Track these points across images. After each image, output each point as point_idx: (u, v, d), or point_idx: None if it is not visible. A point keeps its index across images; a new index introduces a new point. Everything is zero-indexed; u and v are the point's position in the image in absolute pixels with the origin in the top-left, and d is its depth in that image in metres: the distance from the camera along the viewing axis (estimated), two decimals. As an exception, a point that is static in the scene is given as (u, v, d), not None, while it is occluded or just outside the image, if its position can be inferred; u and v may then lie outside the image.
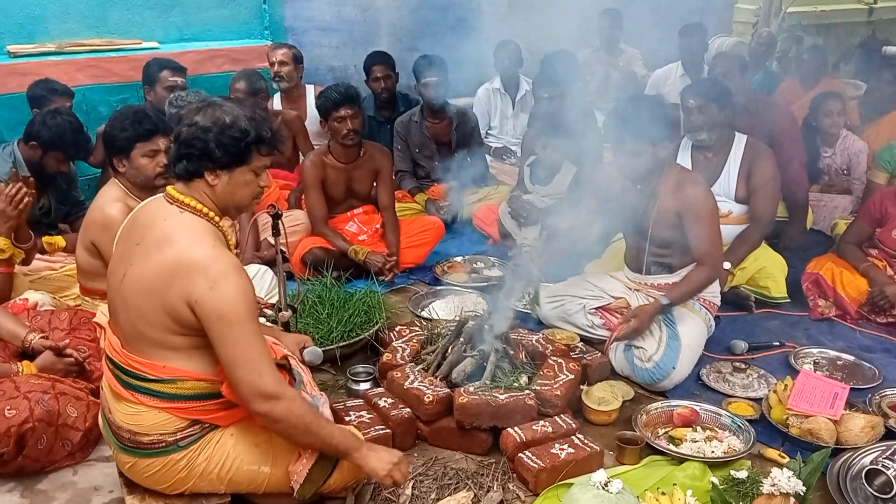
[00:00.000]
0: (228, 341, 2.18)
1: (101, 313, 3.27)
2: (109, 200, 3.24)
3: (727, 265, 4.02)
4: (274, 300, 3.52)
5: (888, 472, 2.55)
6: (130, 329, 2.29)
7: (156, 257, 2.22)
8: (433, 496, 2.70)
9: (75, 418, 2.81)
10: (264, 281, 3.92)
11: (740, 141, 4.17)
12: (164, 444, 2.32)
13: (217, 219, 2.32)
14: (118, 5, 5.43)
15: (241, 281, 2.21)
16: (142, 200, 3.28)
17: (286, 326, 3.22)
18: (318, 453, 2.39)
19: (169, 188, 2.34)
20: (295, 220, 4.51)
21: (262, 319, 3.16)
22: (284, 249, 3.32)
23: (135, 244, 2.30)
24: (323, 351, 3.42)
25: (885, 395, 3.32)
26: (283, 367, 2.57)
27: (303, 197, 4.73)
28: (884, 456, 2.66)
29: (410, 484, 2.70)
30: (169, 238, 2.23)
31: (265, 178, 2.41)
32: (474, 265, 4.71)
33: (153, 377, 2.28)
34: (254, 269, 3.96)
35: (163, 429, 2.31)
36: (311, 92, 5.53)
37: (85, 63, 5.06)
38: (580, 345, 3.54)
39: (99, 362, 3.14)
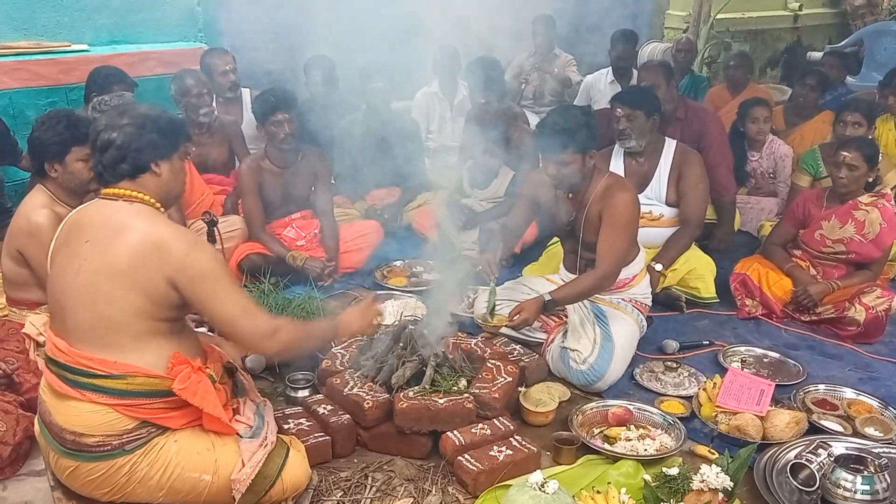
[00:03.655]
0: (220, 296, 2.30)
1: (30, 324, 3.19)
2: (35, 207, 3.17)
3: (658, 267, 4.14)
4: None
5: (811, 466, 2.65)
6: (94, 320, 2.29)
7: (118, 243, 2.28)
8: (374, 503, 2.72)
9: (4, 432, 2.74)
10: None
11: (670, 146, 4.30)
12: (109, 448, 2.29)
13: (161, 209, 2.42)
14: (46, 7, 5.28)
15: (208, 245, 2.37)
16: (70, 206, 3.25)
17: (223, 334, 3.19)
18: (262, 464, 2.40)
19: (107, 190, 2.39)
20: (231, 225, 4.45)
21: (204, 329, 3.14)
22: (221, 255, 3.29)
23: (84, 242, 2.33)
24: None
25: (809, 392, 3.45)
26: (229, 371, 2.55)
27: (240, 202, 4.68)
28: (807, 450, 2.75)
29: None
30: (126, 225, 2.31)
31: (186, 164, 2.57)
32: (413, 269, 4.72)
33: (103, 373, 2.27)
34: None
35: (109, 429, 2.28)
36: (246, 96, 5.45)
37: (12, 66, 4.90)
38: (518, 347, 3.59)
39: (28, 374, 3.07)
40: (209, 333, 3.04)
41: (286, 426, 2.90)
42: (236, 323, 2.33)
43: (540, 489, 2.47)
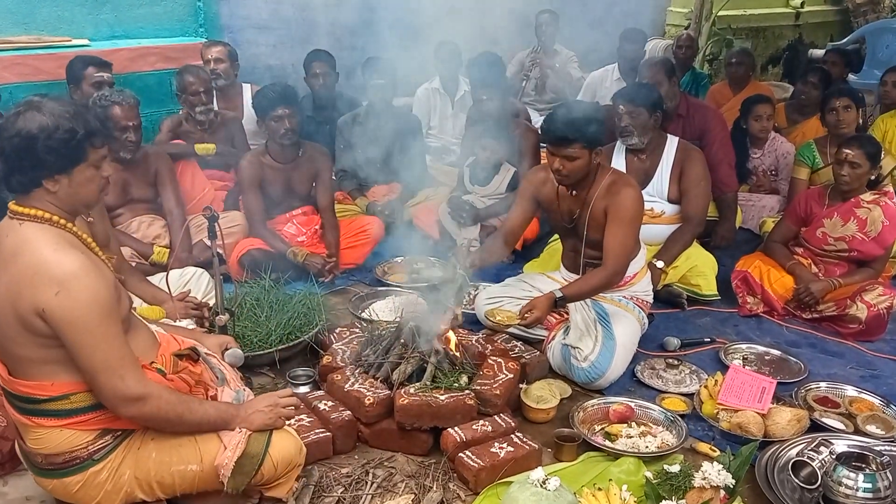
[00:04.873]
0: (85, 348, 2.12)
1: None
2: None
3: (660, 264, 4.14)
4: (211, 303, 3.47)
5: (813, 464, 2.64)
6: (5, 353, 2.22)
7: (4, 276, 2.14)
8: (375, 499, 2.72)
9: (4, 427, 2.73)
10: (200, 284, 3.86)
11: (672, 143, 4.29)
12: (78, 461, 2.27)
13: (63, 221, 2.21)
14: (47, 1, 5.26)
15: (91, 280, 2.12)
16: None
17: (223, 330, 3.19)
18: (245, 444, 2.36)
19: (10, 203, 2.23)
20: (231, 221, 4.44)
21: (186, 322, 3.12)
22: (221, 252, 3.28)
23: None
24: (262, 354, 3.43)
25: (811, 389, 3.44)
26: (188, 357, 2.52)
27: (240, 198, 4.68)
28: (809, 448, 2.74)
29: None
30: (13, 253, 2.15)
31: (107, 168, 2.30)
32: (414, 266, 4.71)
33: (44, 397, 2.21)
34: (190, 272, 3.90)
35: (72, 445, 2.25)
36: (247, 91, 5.45)
37: (12, 60, 4.89)
38: (519, 344, 3.58)
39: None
40: (190, 327, 3.03)
41: (286, 422, 2.89)
42: (94, 379, 2.15)
43: (541, 486, 2.46)
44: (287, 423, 2.52)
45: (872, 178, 4.11)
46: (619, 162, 4.29)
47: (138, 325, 2.46)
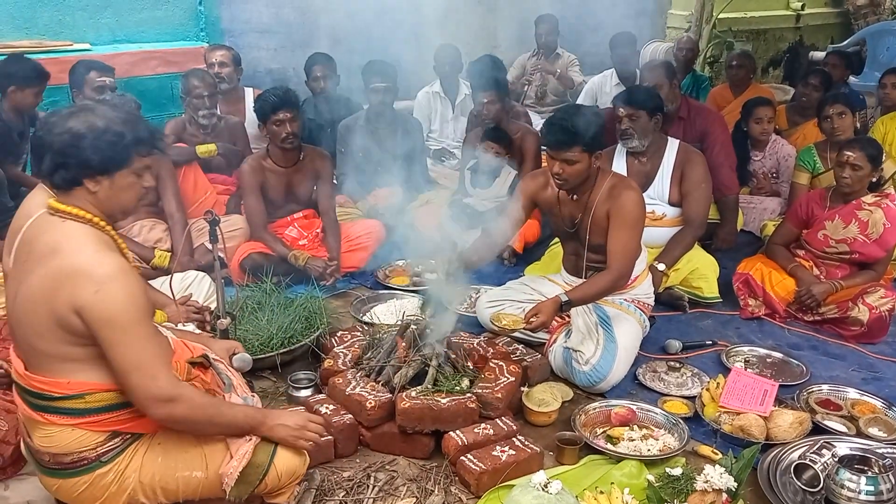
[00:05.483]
0: (119, 347, 2.14)
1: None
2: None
3: (661, 266, 4.13)
4: (213, 307, 3.47)
5: (815, 467, 2.64)
6: (28, 347, 2.23)
7: (40, 270, 2.16)
8: (377, 503, 2.71)
9: (6, 431, 2.73)
10: (202, 287, 3.87)
11: (673, 145, 4.29)
12: (86, 462, 2.27)
13: (103, 223, 2.25)
14: (48, 6, 5.29)
15: (129, 282, 2.17)
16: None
17: (225, 334, 3.18)
18: (251, 454, 2.35)
19: (50, 200, 2.26)
20: (233, 225, 4.45)
21: (190, 326, 3.12)
22: (222, 255, 3.28)
23: (22, 262, 2.24)
24: (263, 358, 3.43)
25: (812, 392, 3.43)
26: (201, 364, 2.52)
27: (242, 202, 4.68)
28: (811, 451, 2.74)
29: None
30: (53, 249, 2.17)
31: (148, 178, 2.35)
32: (416, 269, 4.71)
33: (59, 395, 2.21)
34: (191, 276, 3.90)
35: (81, 446, 2.25)
36: (249, 95, 5.46)
37: (13, 64, 4.91)
38: (520, 347, 3.58)
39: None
40: (196, 331, 3.04)
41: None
42: (127, 378, 2.16)
43: (543, 489, 2.46)
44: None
45: (874, 180, 4.11)
46: (619, 165, 4.29)
47: (156, 331, 2.48)
